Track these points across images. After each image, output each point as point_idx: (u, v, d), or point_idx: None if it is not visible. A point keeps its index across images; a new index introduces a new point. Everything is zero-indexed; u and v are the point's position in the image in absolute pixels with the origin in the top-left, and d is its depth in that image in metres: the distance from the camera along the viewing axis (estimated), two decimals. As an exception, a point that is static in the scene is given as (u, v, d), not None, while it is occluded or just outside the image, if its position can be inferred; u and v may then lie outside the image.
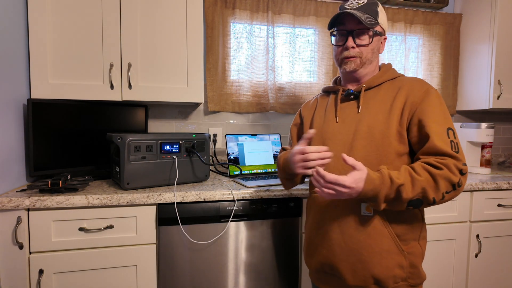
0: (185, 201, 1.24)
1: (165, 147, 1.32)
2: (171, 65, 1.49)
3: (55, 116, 1.37)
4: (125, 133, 1.46)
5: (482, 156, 1.81)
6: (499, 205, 1.56)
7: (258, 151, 1.65)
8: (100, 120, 1.51)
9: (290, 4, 1.88)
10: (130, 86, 1.44)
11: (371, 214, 0.89)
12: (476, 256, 1.56)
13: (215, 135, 1.88)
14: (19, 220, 1.12)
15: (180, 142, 1.36)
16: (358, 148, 0.92)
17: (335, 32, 1.01)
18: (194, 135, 1.40)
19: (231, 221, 1.29)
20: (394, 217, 0.90)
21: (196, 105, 1.84)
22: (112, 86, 1.42)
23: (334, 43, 1.02)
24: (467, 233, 1.55)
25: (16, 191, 1.21)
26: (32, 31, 1.34)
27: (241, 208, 1.29)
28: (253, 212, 1.30)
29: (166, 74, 1.49)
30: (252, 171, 1.61)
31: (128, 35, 1.43)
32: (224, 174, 1.64)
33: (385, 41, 1.02)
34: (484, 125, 1.73)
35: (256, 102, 1.90)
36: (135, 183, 1.26)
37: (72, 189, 1.21)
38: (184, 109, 1.85)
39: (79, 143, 1.45)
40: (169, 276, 1.25)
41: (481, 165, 1.82)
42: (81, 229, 1.17)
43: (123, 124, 1.60)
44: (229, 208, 1.28)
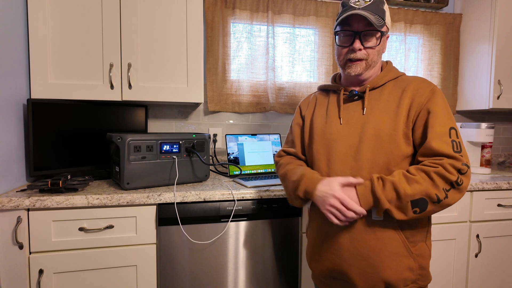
0: (185, 201, 1.24)
1: (165, 147, 1.32)
2: (171, 65, 1.49)
3: (55, 116, 1.37)
4: (125, 133, 1.46)
5: (482, 156, 1.81)
6: (499, 205, 1.56)
7: (258, 151, 1.65)
8: (100, 120, 1.51)
9: (290, 4, 1.88)
10: (130, 86, 1.44)
11: (381, 218, 0.88)
12: (476, 256, 1.56)
13: (215, 135, 1.88)
14: (19, 220, 1.12)
15: (180, 142, 1.36)
16: (365, 151, 0.91)
17: (339, 32, 0.96)
18: (194, 135, 1.40)
19: (231, 221, 1.29)
20: (408, 222, 0.90)
21: (196, 105, 1.84)
22: (112, 86, 1.42)
23: (338, 44, 0.97)
24: (467, 233, 1.55)
25: (16, 191, 1.21)
26: (32, 31, 1.34)
27: (241, 208, 1.29)
28: (253, 212, 1.30)
29: (166, 74, 1.49)
30: (252, 171, 1.61)
31: (128, 35, 1.43)
32: (224, 174, 1.64)
33: (387, 39, 1.00)
34: (484, 125, 1.73)
35: (256, 102, 1.90)
36: (135, 183, 1.26)
37: (72, 189, 1.21)
38: (184, 109, 1.85)
39: (79, 143, 1.45)
40: (169, 276, 1.25)
41: (481, 165, 1.82)
42: (81, 229, 1.17)
43: (123, 124, 1.60)
44: (229, 208, 1.28)
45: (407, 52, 2.07)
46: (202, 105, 1.87)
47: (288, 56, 1.93)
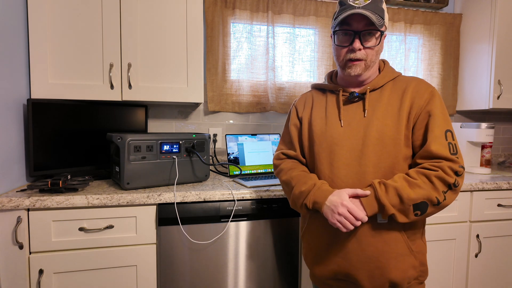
0: (185, 201, 1.24)
1: (165, 147, 1.32)
2: (171, 65, 1.49)
3: (55, 116, 1.37)
4: (125, 133, 1.46)
5: (482, 156, 1.81)
6: (499, 205, 1.56)
7: (258, 151, 1.65)
8: (100, 120, 1.51)
9: (290, 4, 1.88)
10: (130, 86, 1.44)
11: (386, 221, 0.90)
12: (476, 256, 1.56)
13: (215, 135, 1.88)
14: (19, 220, 1.12)
15: (180, 142, 1.36)
16: (369, 154, 0.90)
17: (338, 31, 0.93)
18: (194, 135, 1.40)
19: (231, 221, 1.29)
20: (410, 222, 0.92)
21: (196, 105, 1.84)
22: (112, 86, 1.42)
23: (337, 43, 0.94)
24: (467, 233, 1.55)
25: (16, 191, 1.21)
26: (32, 31, 1.34)
27: (241, 208, 1.29)
28: (253, 212, 1.30)
29: (166, 74, 1.49)
30: (252, 171, 1.61)
31: (128, 35, 1.43)
32: (224, 174, 1.64)
33: (384, 39, 1.00)
34: (484, 125, 1.73)
35: (256, 102, 1.90)
36: (135, 183, 1.26)
37: (72, 189, 1.21)
38: (184, 109, 1.85)
39: (79, 143, 1.45)
40: (169, 276, 1.25)
41: (481, 165, 1.82)
42: (81, 229, 1.17)
43: (123, 124, 1.60)
44: (229, 208, 1.28)
45: (407, 52, 2.07)
46: (202, 105, 1.87)
47: (288, 56, 1.93)
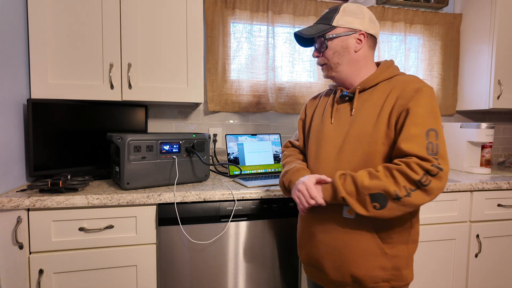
0: (185, 201, 1.24)
1: (165, 147, 1.32)
2: (171, 65, 1.49)
3: (55, 116, 1.37)
4: (125, 133, 1.46)
5: (482, 156, 1.81)
6: (499, 205, 1.56)
7: (258, 151, 1.65)
8: (100, 120, 1.51)
9: (290, 4, 1.88)
10: (130, 86, 1.44)
11: (353, 216, 0.91)
12: (476, 256, 1.56)
13: (215, 135, 1.88)
14: (19, 220, 1.12)
15: (180, 142, 1.36)
16: (346, 151, 0.94)
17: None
18: (194, 135, 1.40)
19: (231, 221, 1.29)
20: (381, 221, 0.90)
21: (196, 105, 1.84)
22: (112, 86, 1.42)
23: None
24: (467, 233, 1.55)
25: (16, 191, 1.21)
26: (32, 31, 1.34)
27: (241, 208, 1.29)
28: (253, 212, 1.30)
29: (166, 74, 1.49)
30: (252, 171, 1.61)
31: (128, 35, 1.43)
32: (224, 174, 1.64)
33: (364, 37, 0.97)
34: (484, 125, 1.73)
35: (256, 102, 1.90)
36: (135, 183, 1.26)
37: (72, 189, 1.21)
38: (184, 109, 1.85)
39: (79, 143, 1.45)
40: (169, 276, 1.25)
41: (481, 165, 1.82)
42: (81, 229, 1.17)
43: (123, 124, 1.60)
44: (229, 208, 1.28)
45: (407, 52, 2.07)
46: (202, 105, 1.87)
47: (288, 56, 1.93)
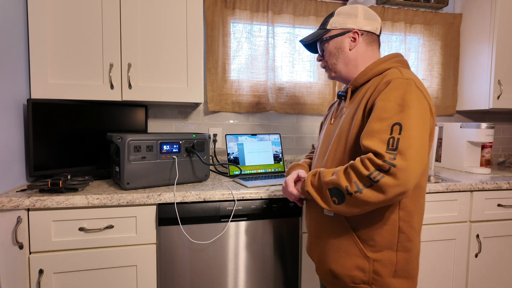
0: (185, 201, 1.24)
1: (165, 147, 1.32)
2: (171, 65, 1.49)
3: (55, 116, 1.37)
4: (125, 133, 1.46)
5: (482, 156, 1.81)
6: (499, 205, 1.56)
7: (258, 151, 1.65)
8: (100, 120, 1.51)
9: (290, 4, 1.88)
10: (130, 86, 1.44)
11: (331, 214, 0.93)
12: (476, 256, 1.56)
13: (215, 135, 1.88)
14: (19, 220, 1.12)
15: (180, 142, 1.36)
16: (330, 150, 0.96)
17: None
18: (194, 135, 1.40)
19: (231, 221, 1.29)
20: (358, 221, 0.89)
21: (196, 105, 1.84)
22: (112, 86, 1.42)
23: None
24: (467, 233, 1.55)
25: (16, 191, 1.21)
26: (32, 31, 1.34)
27: (241, 208, 1.29)
28: (253, 212, 1.30)
29: (166, 74, 1.49)
30: (252, 171, 1.61)
31: (128, 35, 1.43)
32: (224, 174, 1.64)
33: (358, 34, 0.97)
34: (484, 125, 1.73)
35: (256, 102, 1.90)
36: (135, 183, 1.26)
37: (72, 189, 1.21)
38: (184, 109, 1.85)
39: (79, 143, 1.45)
40: (169, 276, 1.25)
41: (481, 165, 1.82)
42: (81, 229, 1.17)
43: (123, 124, 1.60)
44: (229, 208, 1.28)
45: (407, 52, 2.07)
46: (202, 105, 1.87)
47: (288, 56, 1.93)
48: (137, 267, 1.23)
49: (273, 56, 1.88)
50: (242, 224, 1.30)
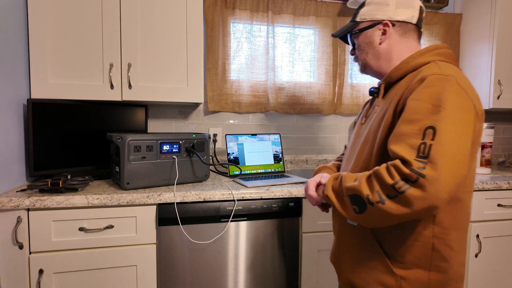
0: (185, 201, 1.24)
1: (165, 147, 1.32)
2: (171, 65, 1.49)
3: (55, 116, 1.37)
4: (125, 133, 1.46)
5: (482, 156, 1.81)
6: (499, 205, 1.56)
7: (258, 151, 1.65)
8: (100, 120, 1.51)
9: (290, 4, 1.88)
10: (130, 86, 1.44)
11: (355, 224, 0.85)
12: (476, 256, 1.56)
13: (215, 135, 1.88)
14: (19, 220, 1.12)
15: (180, 142, 1.36)
16: (358, 154, 0.88)
17: None
18: (194, 135, 1.40)
19: (231, 221, 1.29)
20: (386, 234, 0.81)
21: (196, 105, 1.84)
22: (112, 86, 1.42)
23: None
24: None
25: (16, 191, 1.21)
26: (32, 31, 1.34)
27: (241, 208, 1.29)
28: (253, 212, 1.30)
29: (166, 74, 1.49)
30: (252, 171, 1.61)
31: (128, 35, 1.43)
32: (224, 174, 1.64)
33: (389, 26, 0.88)
34: (484, 125, 1.73)
35: (256, 102, 1.90)
36: (135, 183, 1.26)
37: (72, 189, 1.21)
38: (184, 109, 1.85)
39: (79, 143, 1.45)
40: (169, 276, 1.25)
41: (481, 165, 1.82)
42: (81, 229, 1.17)
43: (123, 124, 1.60)
44: (229, 208, 1.28)
45: (407, 52, 2.07)
46: (202, 105, 1.87)
47: (288, 56, 1.93)
48: (137, 267, 1.23)
49: (273, 56, 1.88)
50: (242, 224, 1.30)
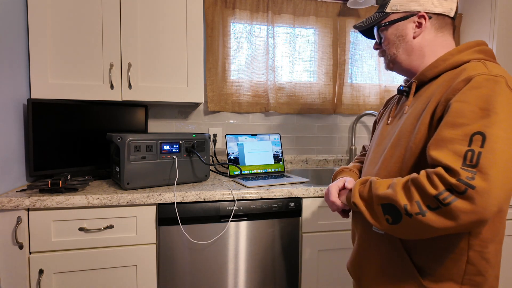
0: (185, 201, 1.24)
1: (165, 147, 1.32)
2: (171, 65, 1.49)
3: (55, 116, 1.37)
4: (125, 133, 1.46)
5: None
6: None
7: (258, 151, 1.65)
8: (100, 120, 1.51)
9: (290, 4, 1.88)
10: (130, 86, 1.44)
11: (382, 232, 0.77)
12: None
13: (215, 135, 1.88)
14: (19, 220, 1.12)
15: (180, 142, 1.36)
16: (385, 156, 0.80)
17: None
18: (194, 135, 1.40)
19: (231, 221, 1.29)
20: (416, 244, 0.75)
21: (196, 105, 1.84)
22: (112, 86, 1.42)
23: None
24: (467, 233, 1.54)
25: (16, 191, 1.21)
26: (32, 31, 1.34)
27: (241, 208, 1.29)
28: (253, 212, 1.30)
29: (166, 74, 1.49)
30: (252, 171, 1.61)
31: (128, 35, 1.43)
32: (224, 174, 1.64)
33: (425, 18, 0.80)
34: None
35: (256, 102, 1.90)
36: (135, 183, 1.26)
37: (72, 189, 1.21)
38: (184, 109, 1.85)
39: (79, 143, 1.45)
40: (169, 276, 1.25)
41: None
42: (81, 229, 1.17)
43: (123, 124, 1.60)
44: (229, 208, 1.28)
45: (407, 52, 2.07)
46: (202, 105, 1.87)
47: (288, 56, 1.93)
48: (137, 267, 1.23)
49: (273, 56, 1.88)
50: (242, 224, 1.30)
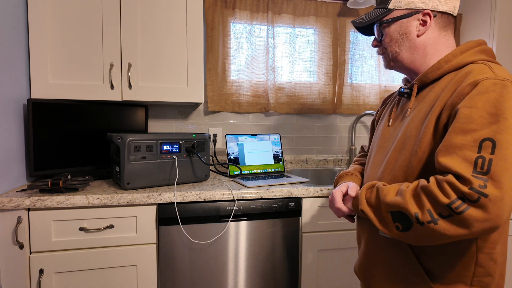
0: (185, 201, 1.24)
1: (165, 147, 1.32)
2: (171, 65, 1.49)
3: (55, 116, 1.37)
4: (125, 133, 1.46)
5: None
6: None
7: (258, 151, 1.65)
8: (100, 120, 1.51)
9: (290, 4, 1.88)
10: (130, 86, 1.44)
11: (389, 236, 0.75)
12: None
13: (215, 135, 1.88)
14: (19, 220, 1.12)
15: (180, 142, 1.36)
16: (389, 159, 0.79)
17: None
18: (194, 135, 1.41)
19: (231, 221, 1.29)
20: (424, 248, 0.73)
21: (196, 105, 1.84)
22: (112, 86, 1.42)
23: None
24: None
25: (16, 191, 1.21)
26: (32, 31, 1.34)
27: (241, 208, 1.29)
28: (253, 212, 1.30)
29: (166, 74, 1.49)
30: (252, 171, 1.61)
31: (128, 35, 1.43)
32: (224, 174, 1.64)
33: (430, 16, 0.78)
34: None
35: (256, 102, 1.90)
36: (135, 183, 1.26)
37: (72, 189, 1.21)
38: (184, 109, 1.85)
39: (79, 143, 1.45)
40: (169, 276, 1.25)
41: None
42: (81, 229, 1.17)
43: (123, 124, 1.60)
44: (229, 208, 1.28)
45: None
46: (202, 105, 1.87)
47: (288, 56, 1.93)
48: (137, 267, 1.23)
49: (273, 56, 1.88)
50: (242, 224, 1.30)
